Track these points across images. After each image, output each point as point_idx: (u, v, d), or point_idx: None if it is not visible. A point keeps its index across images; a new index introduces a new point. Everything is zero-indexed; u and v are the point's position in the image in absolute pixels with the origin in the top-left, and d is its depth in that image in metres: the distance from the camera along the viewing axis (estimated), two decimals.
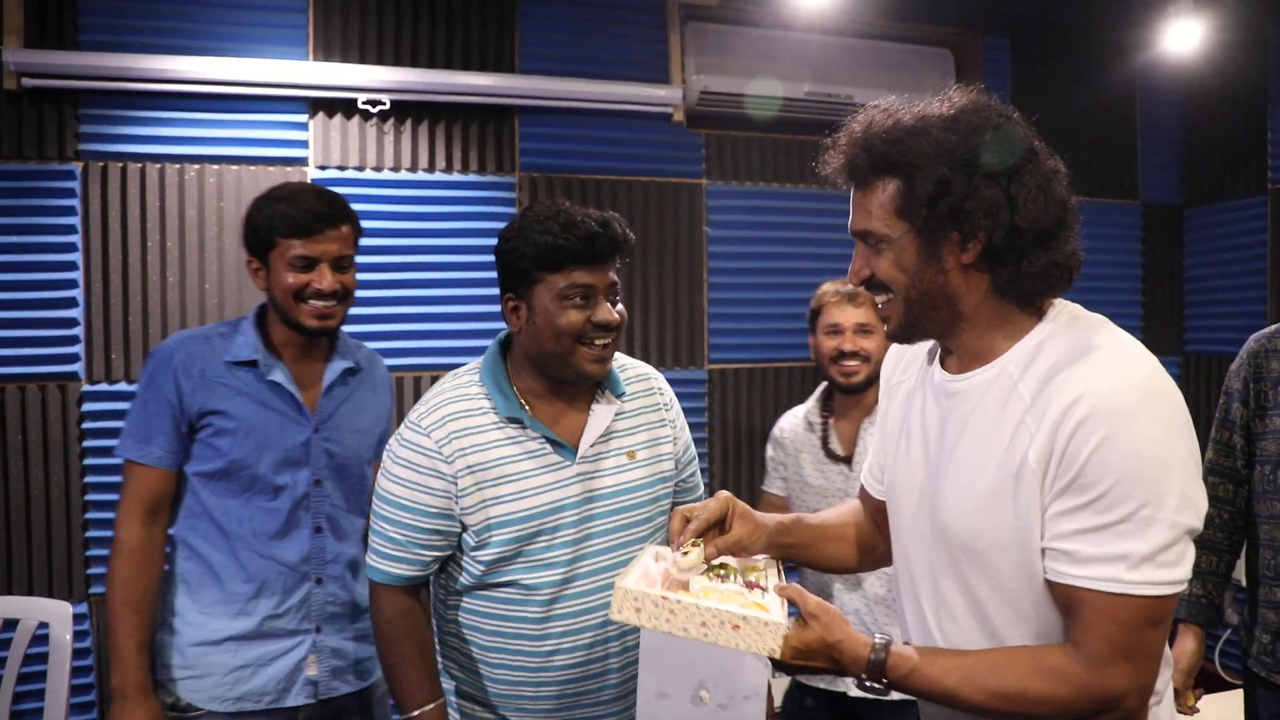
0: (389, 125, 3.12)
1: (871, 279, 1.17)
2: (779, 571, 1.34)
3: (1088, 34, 3.85)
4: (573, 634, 1.55)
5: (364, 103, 3.04)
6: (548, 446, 1.55)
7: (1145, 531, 1.00)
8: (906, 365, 1.36)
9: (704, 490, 1.91)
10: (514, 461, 1.53)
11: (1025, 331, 1.14)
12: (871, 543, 1.47)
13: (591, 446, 1.58)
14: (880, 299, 1.19)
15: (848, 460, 2.22)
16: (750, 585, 1.24)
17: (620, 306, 1.57)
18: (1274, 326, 2.01)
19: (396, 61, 3.10)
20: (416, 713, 1.52)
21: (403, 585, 1.55)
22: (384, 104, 3.05)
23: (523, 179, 3.27)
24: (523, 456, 1.53)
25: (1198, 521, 1.03)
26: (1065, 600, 1.06)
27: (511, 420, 1.54)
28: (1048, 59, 3.87)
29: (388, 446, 1.59)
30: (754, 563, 1.35)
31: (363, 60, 3.06)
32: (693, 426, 3.39)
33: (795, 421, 2.36)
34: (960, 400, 1.17)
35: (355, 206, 3.04)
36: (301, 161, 3.03)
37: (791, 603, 1.18)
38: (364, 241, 3.07)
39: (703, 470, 3.43)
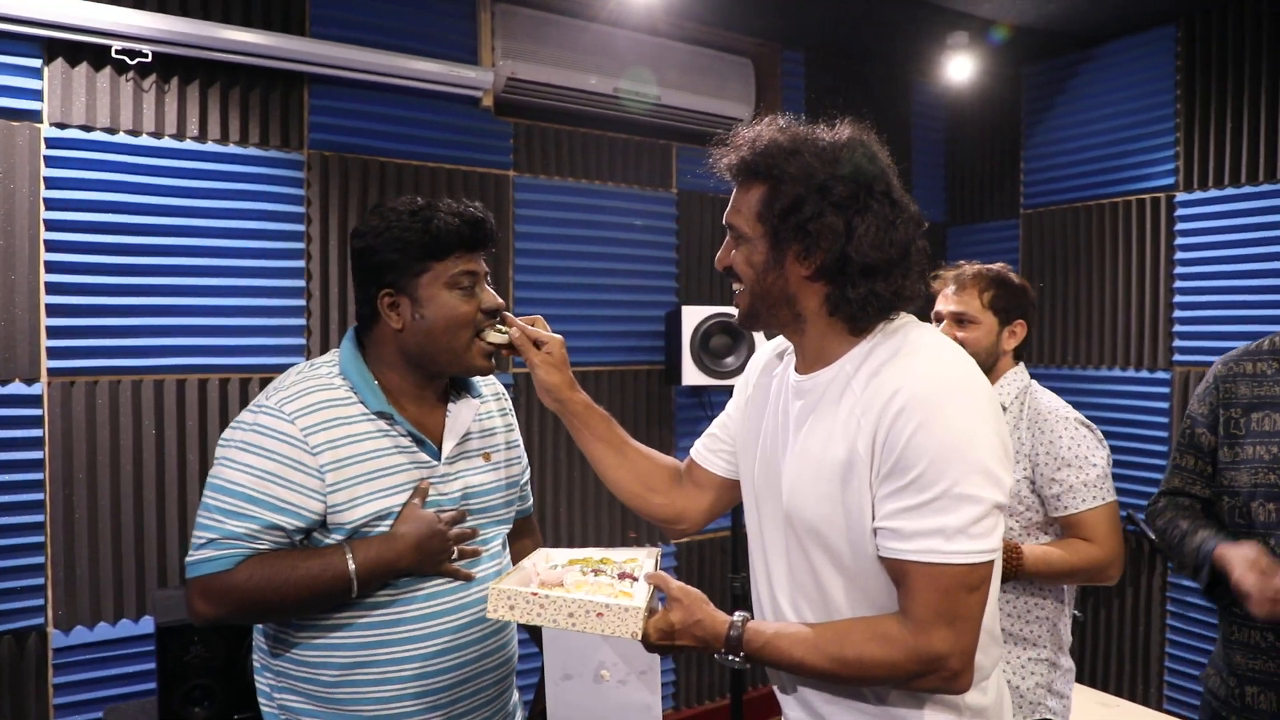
0: (150, 82, 2.63)
1: (730, 268, 1.32)
2: (656, 562, 1.43)
3: (873, 58, 4.06)
4: (453, 631, 1.51)
5: (118, 52, 2.55)
6: (414, 445, 1.51)
7: (958, 507, 1.13)
8: (765, 367, 1.46)
9: (533, 503, 1.88)
10: (387, 455, 1.47)
11: (854, 344, 1.27)
12: (656, 489, 1.56)
13: (455, 446, 1.56)
14: (735, 286, 1.34)
15: None
16: (624, 575, 1.33)
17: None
18: (1240, 348, 1.88)
19: (162, 7, 2.62)
20: (351, 565, 1.39)
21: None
22: (145, 55, 2.57)
23: (312, 157, 2.90)
24: (394, 451, 1.49)
25: (1004, 497, 1.16)
26: (895, 573, 1.18)
27: (381, 415, 1.48)
28: (838, 76, 4.04)
29: (226, 436, 1.45)
30: (632, 555, 1.45)
31: (118, 1, 2.56)
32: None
33: None
34: (807, 398, 1.30)
35: (102, 175, 2.59)
36: (33, 116, 2.48)
37: (658, 588, 1.26)
38: (109, 218, 2.61)
39: None
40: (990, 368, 2.06)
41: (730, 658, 1.22)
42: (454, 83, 3.06)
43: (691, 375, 3.09)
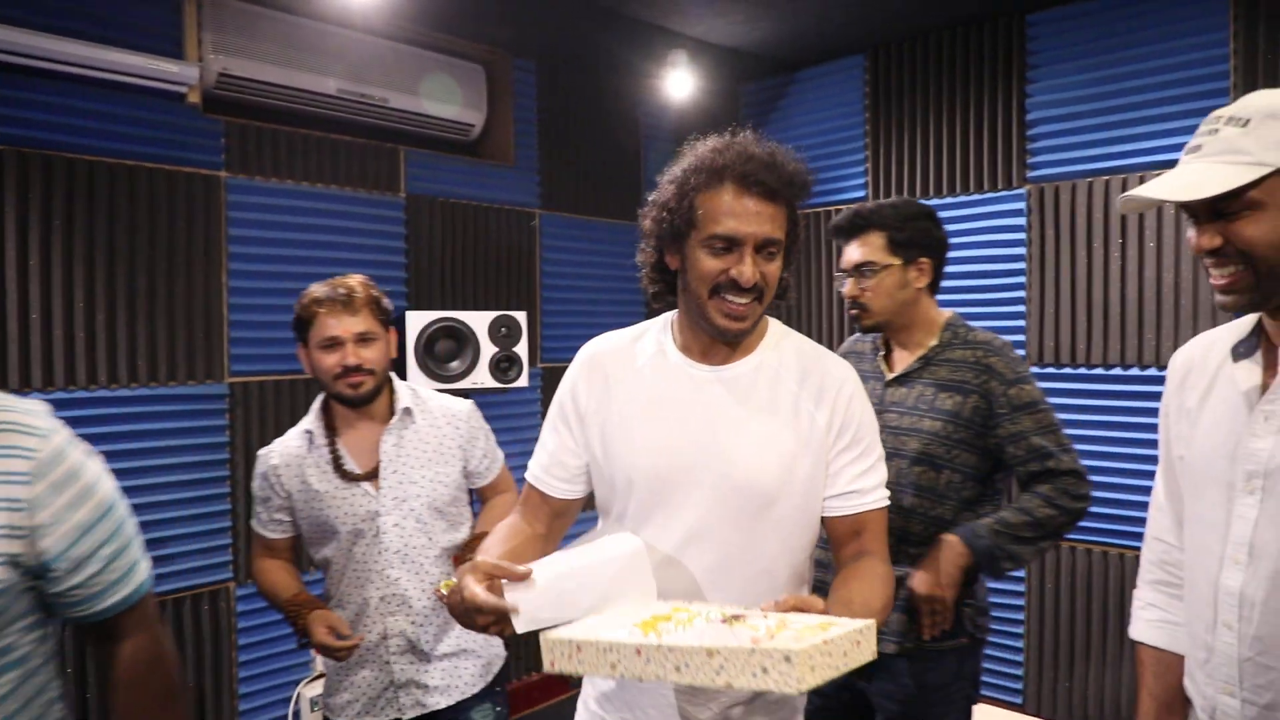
0: None
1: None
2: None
3: (602, 71, 4.22)
4: None
5: None
6: None
7: (882, 461, 1.48)
8: (626, 362, 1.51)
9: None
10: None
11: (764, 334, 1.51)
12: (546, 549, 1.54)
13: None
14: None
15: (370, 477, 2.07)
16: (731, 618, 1.17)
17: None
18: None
19: None
20: None
21: None
22: None
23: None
24: None
25: None
26: (852, 527, 1.45)
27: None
28: (570, 87, 4.16)
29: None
30: (686, 605, 1.28)
31: None
32: (212, 446, 3.06)
33: (290, 446, 2.11)
34: (731, 385, 1.45)
35: None
36: None
37: (800, 610, 1.17)
38: None
39: (225, 495, 3.10)
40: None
41: None
42: (153, 76, 2.89)
43: (416, 380, 3.09)
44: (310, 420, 2.12)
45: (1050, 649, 3.49)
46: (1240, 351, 1.27)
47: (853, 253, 2.06)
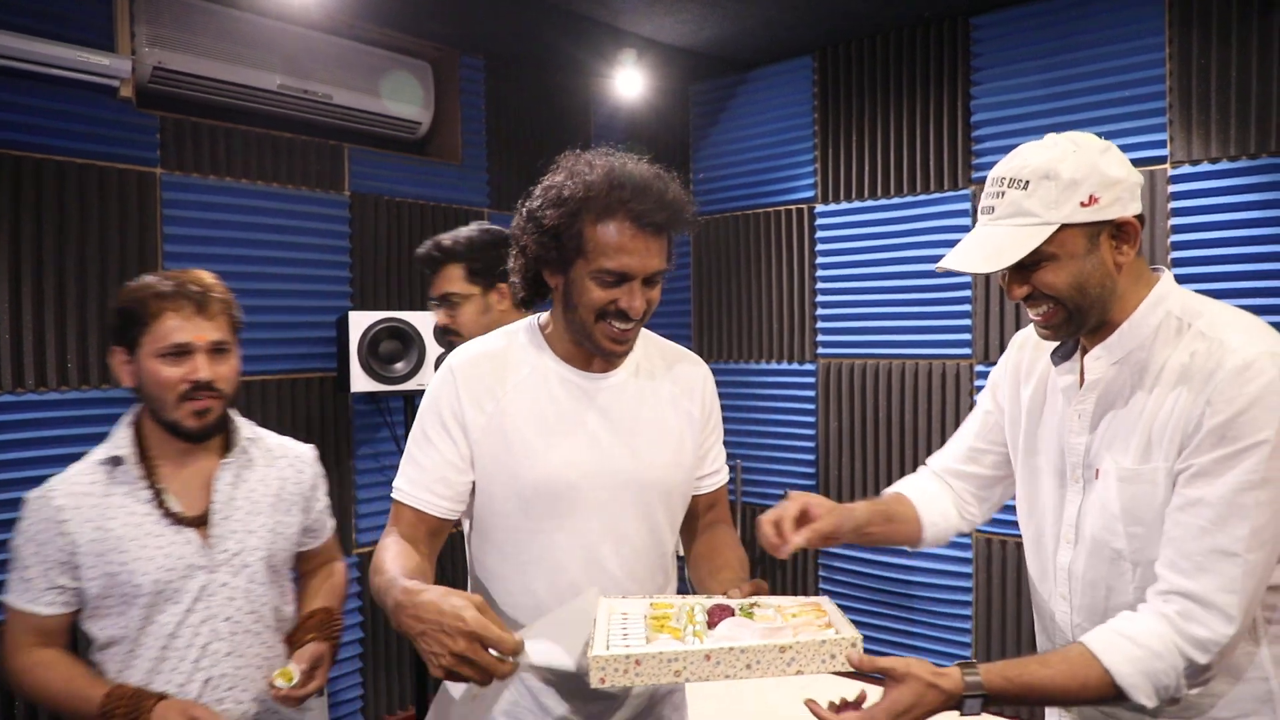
0: None
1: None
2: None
3: (552, 69, 4.19)
4: None
5: None
6: None
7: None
8: (496, 374, 1.49)
9: None
10: None
11: None
12: (430, 574, 1.43)
13: None
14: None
15: (199, 522, 1.64)
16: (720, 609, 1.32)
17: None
18: None
19: None
20: None
21: None
22: None
23: None
24: None
25: None
26: (711, 500, 1.66)
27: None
28: (519, 85, 4.12)
29: None
30: (664, 600, 1.41)
31: None
32: None
33: (79, 483, 1.61)
34: (619, 391, 1.52)
35: None
36: None
37: (757, 593, 1.40)
38: None
39: None
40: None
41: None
42: (83, 69, 2.78)
43: (361, 382, 3.03)
44: (118, 444, 1.64)
45: (997, 639, 3.54)
46: (1057, 359, 1.43)
47: (438, 285, 2.15)
